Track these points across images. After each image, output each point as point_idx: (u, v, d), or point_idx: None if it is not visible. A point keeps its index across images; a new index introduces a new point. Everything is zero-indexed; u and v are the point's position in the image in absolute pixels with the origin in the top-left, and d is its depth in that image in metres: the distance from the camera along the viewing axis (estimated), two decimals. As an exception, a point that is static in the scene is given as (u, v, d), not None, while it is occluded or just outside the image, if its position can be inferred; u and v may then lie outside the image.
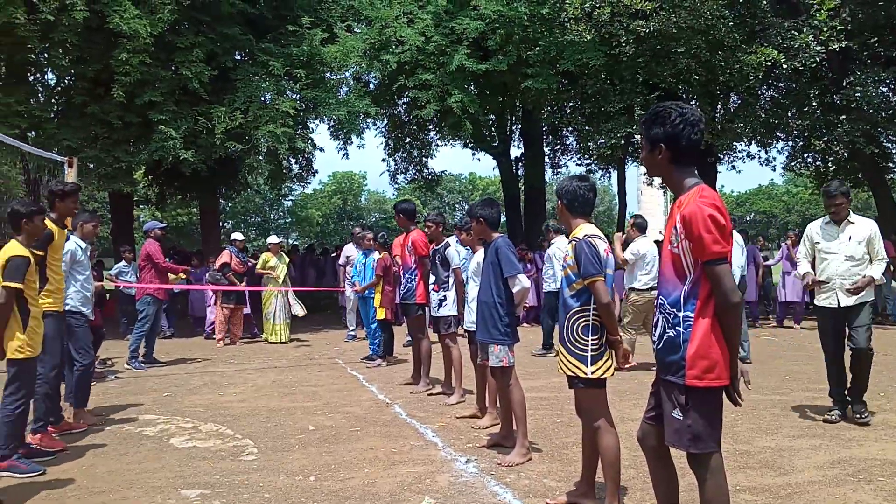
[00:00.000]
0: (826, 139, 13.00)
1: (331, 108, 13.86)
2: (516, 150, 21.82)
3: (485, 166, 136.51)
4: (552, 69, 14.18)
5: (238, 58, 14.18)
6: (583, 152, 17.77)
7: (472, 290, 5.72)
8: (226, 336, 11.49)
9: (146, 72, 11.78)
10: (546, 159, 21.51)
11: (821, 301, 5.64)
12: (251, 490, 4.18)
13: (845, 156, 13.31)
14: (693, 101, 14.14)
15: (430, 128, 18.95)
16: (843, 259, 5.46)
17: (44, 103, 13.56)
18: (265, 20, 14.10)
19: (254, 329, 12.45)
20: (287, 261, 12.06)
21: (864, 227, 5.50)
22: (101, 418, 6.12)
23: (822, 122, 13.19)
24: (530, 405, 5.37)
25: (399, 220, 7.48)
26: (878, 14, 12.19)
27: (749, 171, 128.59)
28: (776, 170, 53.83)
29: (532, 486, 4.17)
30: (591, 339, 3.56)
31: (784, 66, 11.87)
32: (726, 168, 17.75)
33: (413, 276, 7.34)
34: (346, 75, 15.30)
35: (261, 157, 13.70)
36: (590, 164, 18.73)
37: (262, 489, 4.19)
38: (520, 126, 21.39)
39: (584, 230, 3.66)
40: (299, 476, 4.43)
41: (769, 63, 11.88)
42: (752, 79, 12.40)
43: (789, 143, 15.70)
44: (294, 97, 13.65)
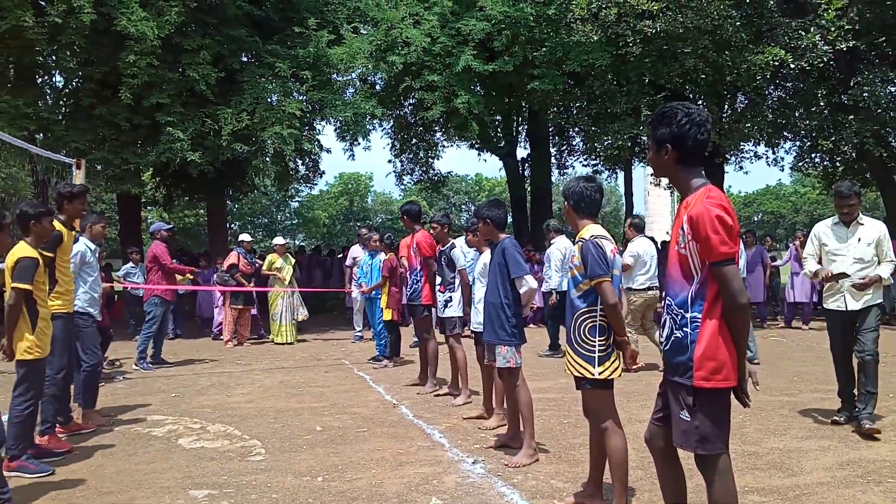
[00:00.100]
0: (834, 139, 12.95)
1: (337, 110, 13.88)
2: (522, 151, 21.84)
3: (491, 167, 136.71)
4: (558, 70, 14.17)
5: (245, 60, 14.21)
6: (589, 153, 17.73)
7: (479, 292, 5.71)
8: (233, 337, 11.53)
9: (153, 74, 11.82)
10: (552, 160, 21.48)
11: (828, 304, 5.57)
12: (259, 490, 4.19)
13: (853, 156, 13.24)
14: (700, 102, 14.10)
15: (436, 129, 18.95)
16: (851, 261, 5.35)
17: (52, 105, 13.61)
18: (272, 22, 14.13)
19: (261, 330, 12.48)
20: (293, 262, 12.08)
21: (873, 229, 5.41)
22: (109, 419, 6.15)
23: (830, 122, 13.14)
24: (537, 406, 5.37)
25: (404, 222, 7.54)
26: (886, 13, 12.13)
27: (756, 172, 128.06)
28: (784, 170, 53.65)
29: (539, 487, 4.17)
30: (599, 340, 3.56)
31: (791, 65, 11.83)
32: (734, 169, 17.70)
33: (419, 278, 7.35)
34: (353, 77, 15.34)
35: (267, 159, 13.73)
36: (596, 164, 18.69)
37: (269, 490, 4.21)
38: (526, 127, 21.37)
39: (590, 231, 3.66)
40: (307, 476, 4.44)
41: (776, 63, 11.85)
42: (759, 79, 12.36)
43: (797, 144, 15.65)
44: (300, 99, 13.66)
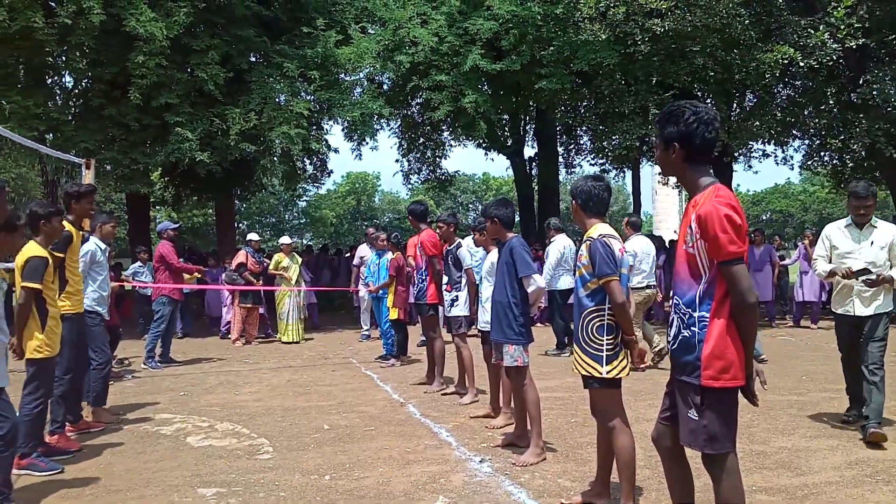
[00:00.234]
0: (843, 138, 12.87)
1: (345, 110, 13.90)
2: (530, 150, 21.79)
3: (498, 166, 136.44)
4: (566, 69, 14.13)
5: (253, 60, 14.24)
6: (597, 152, 17.68)
7: (487, 291, 5.71)
8: (241, 336, 11.57)
9: (162, 74, 11.87)
10: (560, 159, 21.43)
11: (837, 309, 5.43)
12: (267, 489, 4.21)
13: (863, 154, 13.16)
14: (709, 101, 14.04)
15: (443, 128, 18.94)
16: (862, 265, 5.16)
17: (61, 106, 13.69)
18: (280, 22, 14.16)
19: (268, 329, 12.52)
20: (300, 261, 12.11)
21: (887, 232, 5.21)
22: (117, 417, 6.19)
23: (840, 121, 13.06)
24: (545, 405, 5.36)
25: (410, 221, 7.59)
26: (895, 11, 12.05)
27: (765, 170, 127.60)
28: (793, 169, 53.37)
29: (546, 485, 4.17)
30: (606, 339, 3.55)
31: (800, 64, 11.75)
32: (743, 168, 17.61)
33: (425, 277, 7.37)
34: (360, 76, 15.36)
35: (275, 159, 13.77)
36: (604, 163, 18.64)
37: (277, 488, 4.22)
38: (533, 126, 21.34)
39: (598, 230, 3.66)
40: (314, 475, 4.45)
41: (785, 61, 11.78)
42: (768, 77, 12.28)
43: (806, 142, 15.56)
44: (308, 98, 13.68)
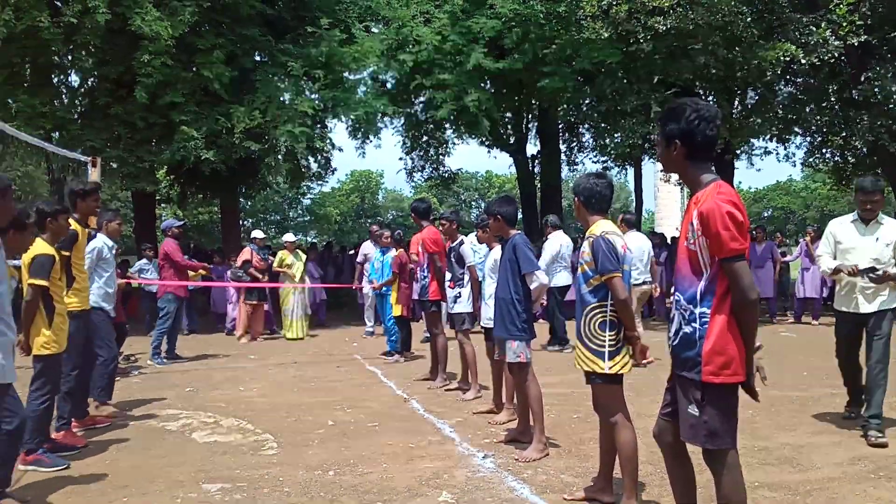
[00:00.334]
0: (844, 135, 12.86)
1: (349, 108, 13.93)
2: (532, 148, 21.77)
3: (501, 164, 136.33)
4: (568, 67, 14.14)
5: (258, 59, 14.27)
6: (599, 150, 17.67)
7: (490, 287, 5.74)
8: (246, 332, 11.61)
9: (168, 73, 11.90)
10: (562, 157, 21.43)
11: (840, 305, 5.32)
12: (272, 484, 4.24)
13: (864, 151, 13.14)
14: (710, 98, 14.04)
15: (446, 126, 18.96)
16: (867, 262, 5.03)
17: (67, 105, 13.74)
18: (284, 21, 14.19)
19: (273, 325, 12.56)
20: (303, 259, 12.14)
21: (893, 229, 5.09)
22: (122, 413, 6.22)
23: (841, 118, 13.05)
24: (547, 401, 5.38)
25: (414, 219, 7.63)
26: (898, 8, 12.02)
27: (767, 168, 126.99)
28: (796, 166, 53.14)
29: (549, 481, 4.19)
30: (609, 335, 3.58)
31: (802, 61, 11.74)
32: (745, 165, 17.59)
33: (427, 274, 7.41)
34: (364, 75, 15.37)
35: (280, 157, 13.80)
36: (606, 161, 18.63)
37: (282, 483, 4.25)
38: (536, 124, 21.32)
39: (601, 227, 3.69)
40: (319, 470, 4.49)
41: (787, 58, 11.76)
42: (769, 74, 12.27)
43: (807, 139, 15.54)
44: (312, 97, 13.72)
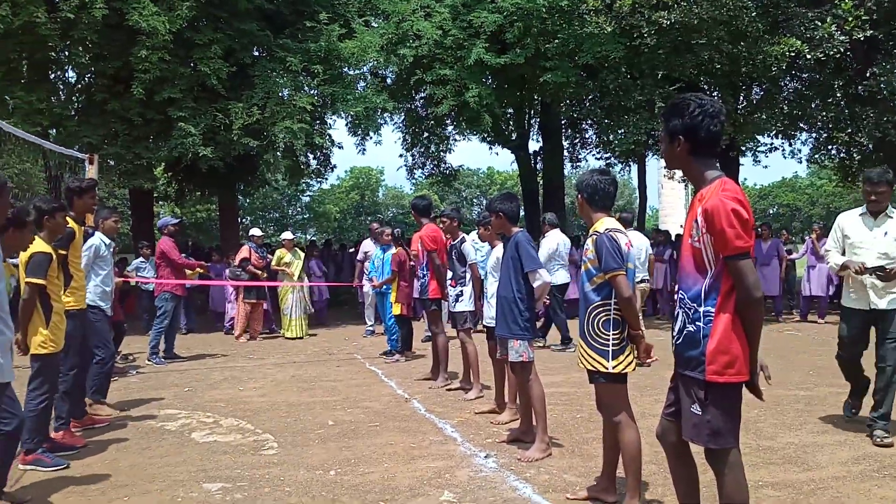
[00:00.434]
0: (850, 131, 12.79)
1: (348, 104, 13.86)
2: (535, 144, 21.73)
3: (503, 161, 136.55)
4: (571, 62, 14.06)
5: (256, 54, 14.20)
6: (603, 146, 17.61)
7: (492, 286, 5.67)
8: (245, 331, 11.56)
9: (165, 69, 11.84)
10: (565, 153, 21.37)
11: (849, 301, 5.08)
12: (272, 484, 4.20)
13: (870, 147, 13.08)
14: (715, 94, 13.97)
15: (447, 122, 18.88)
16: (875, 256, 4.86)
17: (64, 101, 13.68)
18: (283, 16, 14.12)
19: (272, 324, 12.52)
20: (302, 257, 12.10)
21: None
22: (117, 411, 6.18)
23: (847, 114, 12.98)
24: (550, 400, 5.35)
25: (414, 216, 7.59)
26: (904, 2, 11.94)
27: (772, 164, 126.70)
28: (801, 162, 53.02)
29: (552, 481, 4.15)
30: (612, 334, 3.53)
31: (807, 56, 11.68)
32: (751, 162, 17.48)
33: (426, 272, 7.37)
34: (364, 70, 15.29)
35: (278, 154, 13.74)
36: (609, 157, 18.57)
37: (282, 483, 4.22)
38: (538, 120, 21.25)
39: (604, 224, 3.64)
40: (319, 470, 4.45)
41: (792, 54, 11.70)
42: (774, 70, 12.21)
43: (813, 135, 15.48)
44: (311, 93, 13.65)
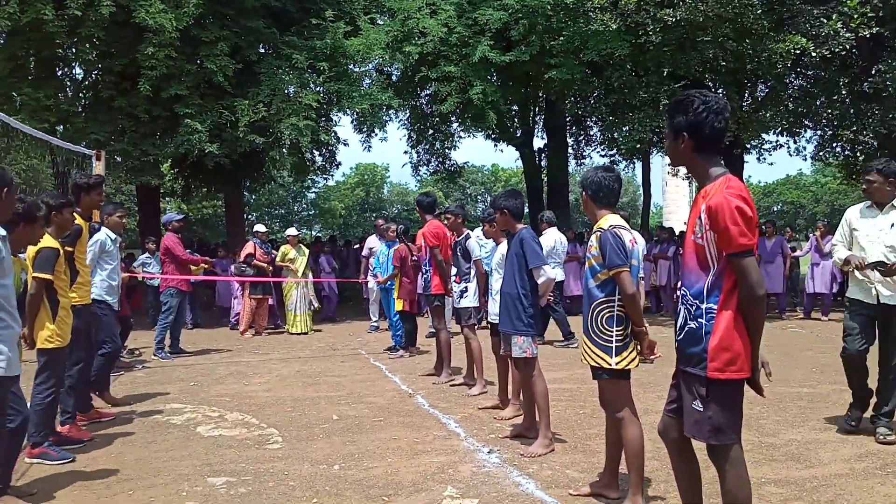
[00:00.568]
0: (855, 128, 12.75)
1: (353, 101, 13.88)
2: (539, 142, 21.69)
3: (507, 158, 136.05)
4: (576, 59, 14.04)
5: (262, 51, 14.23)
6: (607, 143, 17.57)
7: (497, 283, 5.68)
8: (250, 327, 11.60)
9: (172, 66, 11.88)
10: (569, 150, 21.35)
11: (855, 293, 4.92)
12: (276, 478, 4.23)
13: (875, 145, 13.03)
14: (720, 91, 13.93)
15: (452, 119, 18.88)
16: (882, 249, 4.73)
17: (72, 98, 13.73)
18: (289, 13, 14.14)
19: (277, 320, 12.55)
20: (306, 253, 12.12)
21: None
22: (109, 406, 6.20)
23: (852, 111, 12.93)
24: (553, 396, 5.36)
25: (419, 212, 7.63)
26: (910, -1, 11.89)
27: (777, 161, 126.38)
28: (806, 159, 52.83)
29: (555, 476, 4.17)
30: (616, 330, 3.54)
31: (813, 53, 11.65)
32: (756, 159, 17.40)
33: (429, 268, 7.39)
34: (369, 67, 15.31)
35: (284, 150, 13.77)
36: (613, 155, 18.54)
37: (286, 477, 4.24)
38: (543, 117, 21.24)
39: (609, 220, 3.65)
40: (323, 465, 4.48)
41: (797, 51, 11.66)
42: (780, 67, 12.17)
43: (818, 133, 15.42)
44: (317, 90, 13.68)
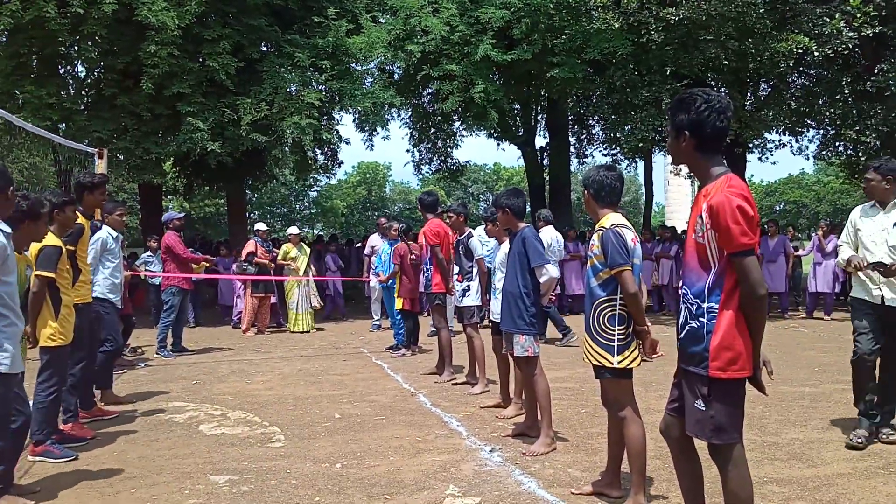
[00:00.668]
0: (857, 128, 12.74)
1: (356, 100, 13.87)
2: (541, 140, 21.67)
3: (509, 156, 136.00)
4: (578, 58, 14.02)
5: (264, 49, 14.24)
6: (609, 143, 17.56)
7: (500, 282, 5.68)
8: (253, 325, 11.61)
9: (174, 64, 11.89)
10: (571, 149, 21.33)
11: (859, 293, 4.82)
12: (279, 476, 4.23)
13: (877, 144, 13.01)
14: (722, 90, 13.91)
15: (454, 118, 18.86)
16: (886, 249, 4.63)
17: (74, 95, 13.74)
18: (291, 11, 14.14)
19: (279, 318, 12.56)
20: (308, 252, 12.12)
21: None
22: (101, 404, 6.19)
23: (855, 110, 12.92)
24: (555, 395, 5.36)
25: (420, 211, 7.64)
26: (913, -1, 11.87)
27: (779, 161, 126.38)
28: (809, 159, 52.76)
29: (557, 475, 4.17)
30: (618, 329, 3.55)
31: (815, 52, 11.64)
32: (758, 158, 17.39)
33: (429, 266, 7.40)
34: (372, 66, 15.31)
35: (286, 149, 13.77)
36: (616, 154, 18.53)
37: (289, 475, 4.25)
38: (545, 116, 21.22)
39: (611, 219, 3.65)
40: (325, 463, 4.48)
41: (800, 50, 11.65)
42: (782, 66, 12.16)
43: (820, 132, 15.41)
44: (319, 88, 13.67)
